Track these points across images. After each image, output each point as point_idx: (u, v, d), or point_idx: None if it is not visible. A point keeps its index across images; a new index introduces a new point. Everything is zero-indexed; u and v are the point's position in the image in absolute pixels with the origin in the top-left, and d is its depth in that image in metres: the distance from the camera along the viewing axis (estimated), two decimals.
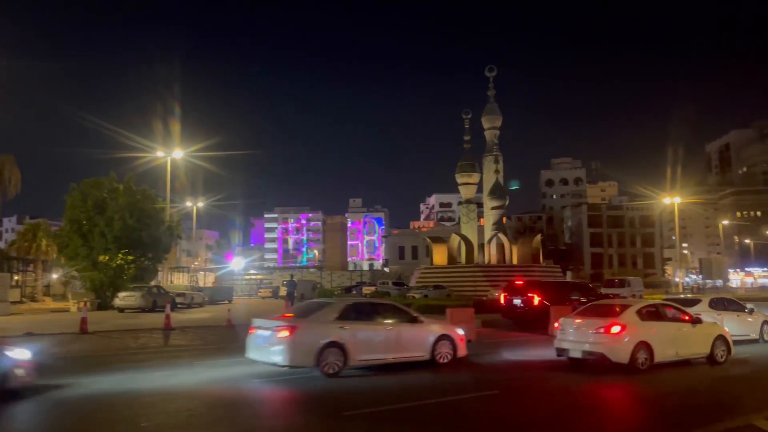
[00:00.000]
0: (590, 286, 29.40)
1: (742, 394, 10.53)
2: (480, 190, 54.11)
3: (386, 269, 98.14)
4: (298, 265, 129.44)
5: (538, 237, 52.07)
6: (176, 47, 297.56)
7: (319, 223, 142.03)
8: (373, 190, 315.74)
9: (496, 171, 50.31)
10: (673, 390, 10.73)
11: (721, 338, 13.33)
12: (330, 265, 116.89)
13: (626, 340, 11.65)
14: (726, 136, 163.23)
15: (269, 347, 11.00)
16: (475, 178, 53.40)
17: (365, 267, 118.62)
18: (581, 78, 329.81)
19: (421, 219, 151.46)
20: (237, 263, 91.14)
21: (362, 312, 12.36)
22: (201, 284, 57.84)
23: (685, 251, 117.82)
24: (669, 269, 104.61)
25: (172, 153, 39.88)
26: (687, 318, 13.10)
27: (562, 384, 11.07)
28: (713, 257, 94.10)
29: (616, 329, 11.73)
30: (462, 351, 13.11)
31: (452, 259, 51.60)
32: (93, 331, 19.98)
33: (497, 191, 49.92)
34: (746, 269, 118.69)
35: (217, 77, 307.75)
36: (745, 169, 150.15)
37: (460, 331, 13.49)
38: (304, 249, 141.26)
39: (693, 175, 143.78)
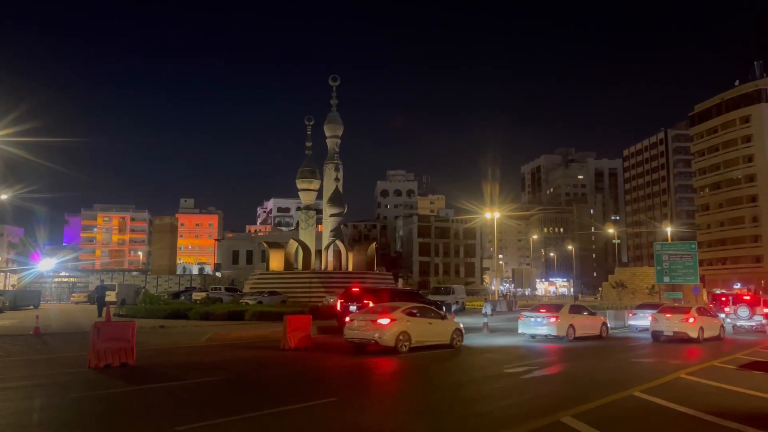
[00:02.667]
0: (419, 293, 31.11)
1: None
2: (320, 196, 54.51)
3: (218, 274, 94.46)
4: (119, 268, 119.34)
5: (373, 245, 53.69)
6: None
7: (146, 223, 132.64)
8: (208, 191, 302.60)
9: (336, 179, 51.08)
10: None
11: (458, 330, 18.70)
12: (156, 269, 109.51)
13: (392, 330, 16.44)
14: (537, 159, 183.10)
15: None
16: (315, 184, 53.65)
17: (195, 271, 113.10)
18: (417, 96, 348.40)
19: (258, 223, 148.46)
20: (46, 264, 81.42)
21: None
22: (0, 287, 50.86)
23: (501, 262, 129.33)
24: (487, 278, 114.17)
25: None
26: (437, 316, 18.54)
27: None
28: (524, 268, 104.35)
29: (384, 321, 16.52)
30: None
31: (289, 264, 51.22)
32: None
33: (336, 199, 50.67)
34: (550, 279, 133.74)
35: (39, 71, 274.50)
36: (551, 189, 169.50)
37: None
38: (127, 250, 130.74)
39: (510, 193, 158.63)
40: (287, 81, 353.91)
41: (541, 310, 22.15)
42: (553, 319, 21.10)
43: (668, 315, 22.86)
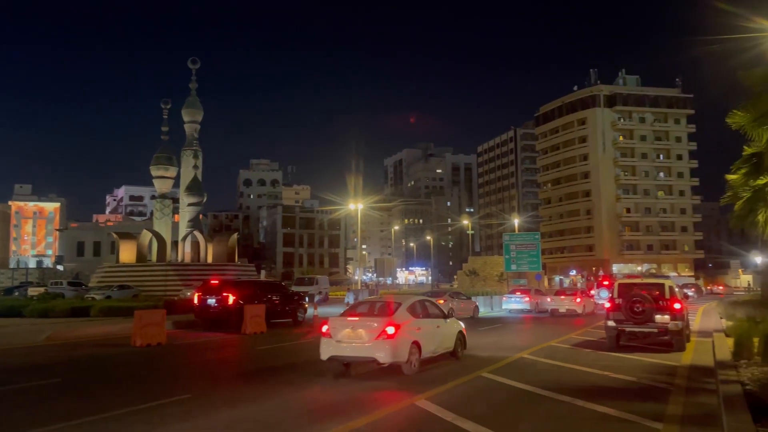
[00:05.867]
0: (282, 284, 30.85)
1: None
2: (177, 185, 51.87)
3: (60, 267, 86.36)
4: None
5: (235, 236, 52.22)
6: None
7: None
8: (49, 177, 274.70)
9: (195, 166, 48.91)
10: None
11: (461, 335, 13.82)
12: None
13: (399, 340, 11.26)
14: (400, 153, 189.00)
15: None
16: (172, 171, 50.93)
17: (32, 264, 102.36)
18: (283, 86, 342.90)
19: (107, 212, 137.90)
20: None
21: None
22: None
23: (365, 252, 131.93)
24: (351, 268, 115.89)
25: None
26: (441, 315, 13.64)
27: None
28: (385, 258, 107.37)
29: (390, 330, 11.17)
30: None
31: (142, 256, 48.21)
32: None
33: (195, 187, 48.52)
34: (410, 268, 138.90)
35: None
36: (412, 182, 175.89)
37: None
38: None
39: (374, 185, 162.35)
40: (142, 62, 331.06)
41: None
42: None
43: (562, 297, 31.38)
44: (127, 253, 48.47)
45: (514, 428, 7.51)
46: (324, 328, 11.68)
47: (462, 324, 14.31)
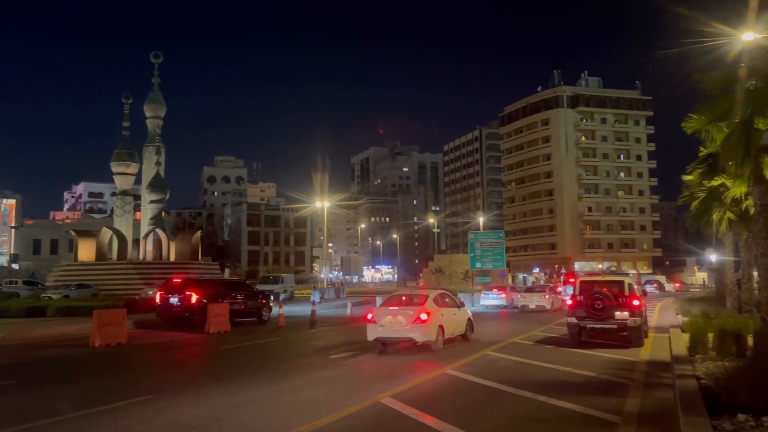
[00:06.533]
0: (247, 283, 30.49)
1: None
2: (138, 181, 50.76)
3: (15, 266, 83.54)
4: None
5: (198, 234, 51.39)
6: None
7: None
8: (3, 173, 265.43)
9: (158, 163, 47.94)
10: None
11: (470, 321, 17.37)
12: None
13: (431, 325, 15.30)
14: (367, 151, 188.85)
15: None
16: (133, 168, 49.81)
17: None
18: (249, 81, 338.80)
19: (65, 209, 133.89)
20: None
21: None
22: None
23: (331, 250, 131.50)
24: (317, 266, 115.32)
25: None
26: (455, 304, 16.95)
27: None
28: (352, 256, 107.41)
29: (423, 316, 15.19)
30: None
31: (102, 255, 47.04)
32: None
33: (157, 184, 47.57)
34: (376, 266, 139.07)
35: None
36: (379, 180, 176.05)
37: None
38: None
39: (341, 183, 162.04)
40: (104, 56, 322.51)
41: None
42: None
43: (532, 293, 33.51)
44: (86, 251, 47.23)
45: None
46: (369, 316, 14.75)
47: (470, 312, 17.72)
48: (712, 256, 43.19)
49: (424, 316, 14.19)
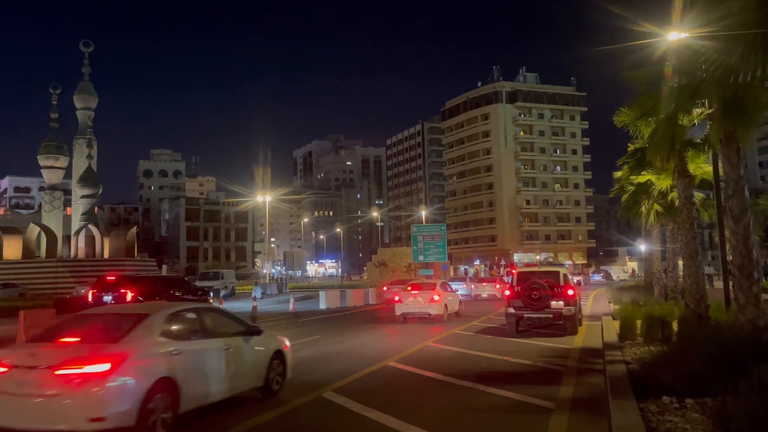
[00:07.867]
0: (185, 279, 29.74)
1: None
2: (69, 175, 48.53)
3: None
4: None
5: (134, 230, 49.76)
6: None
7: None
8: None
9: (89, 156, 46.00)
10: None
11: (460, 302, 25.39)
12: None
13: (441, 303, 22.65)
14: (309, 144, 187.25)
15: None
16: (62, 161, 47.62)
17: None
18: (187, 73, 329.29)
19: None
20: None
21: None
22: None
23: (273, 245, 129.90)
24: (259, 262, 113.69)
25: None
26: (452, 290, 23.76)
27: None
28: (294, 251, 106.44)
29: (436, 297, 24.71)
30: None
31: (29, 252, 44.81)
32: None
33: (89, 178, 45.63)
34: (320, 261, 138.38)
35: None
36: (322, 174, 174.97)
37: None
38: None
39: (283, 177, 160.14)
40: (30, 45, 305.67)
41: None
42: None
43: (484, 284, 39.20)
44: (11, 248, 44.91)
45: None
46: (396, 298, 21.54)
47: (460, 296, 24.77)
48: (642, 246, 45.20)
49: (437, 297, 20.47)
